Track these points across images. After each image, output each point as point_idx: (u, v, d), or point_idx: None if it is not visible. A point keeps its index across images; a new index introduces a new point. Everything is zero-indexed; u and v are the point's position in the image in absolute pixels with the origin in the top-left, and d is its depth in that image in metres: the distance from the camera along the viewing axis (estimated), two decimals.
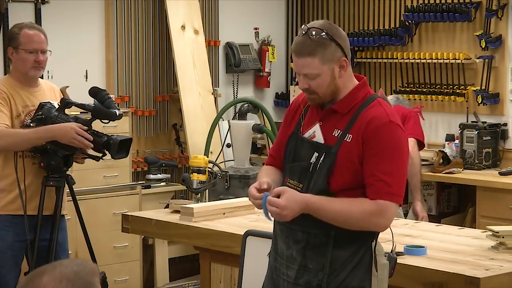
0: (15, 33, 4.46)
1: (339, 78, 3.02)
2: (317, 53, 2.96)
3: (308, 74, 2.99)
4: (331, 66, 2.99)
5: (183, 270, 6.77)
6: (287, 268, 3.07)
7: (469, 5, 6.68)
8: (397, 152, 2.98)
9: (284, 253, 3.09)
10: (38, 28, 4.55)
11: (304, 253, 3.02)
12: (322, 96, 3.03)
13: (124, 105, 6.66)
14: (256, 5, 7.61)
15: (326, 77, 2.99)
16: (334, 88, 3.02)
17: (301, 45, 2.99)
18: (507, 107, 6.65)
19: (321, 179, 2.98)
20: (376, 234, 3.02)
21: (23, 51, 4.41)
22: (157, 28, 6.92)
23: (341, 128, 3.00)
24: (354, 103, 3.02)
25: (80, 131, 4.33)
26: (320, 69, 2.98)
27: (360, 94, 3.04)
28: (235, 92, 7.42)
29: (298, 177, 3.06)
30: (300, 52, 2.99)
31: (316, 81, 3.00)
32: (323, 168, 2.98)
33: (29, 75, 4.45)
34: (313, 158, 3.02)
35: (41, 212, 4.40)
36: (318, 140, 3.04)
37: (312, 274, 3.01)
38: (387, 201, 2.94)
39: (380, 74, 7.36)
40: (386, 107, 3.03)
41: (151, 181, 6.62)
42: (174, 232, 4.50)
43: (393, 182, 2.95)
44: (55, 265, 1.98)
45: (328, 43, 2.97)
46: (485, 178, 6.03)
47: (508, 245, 3.68)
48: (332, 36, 2.97)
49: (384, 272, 3.03)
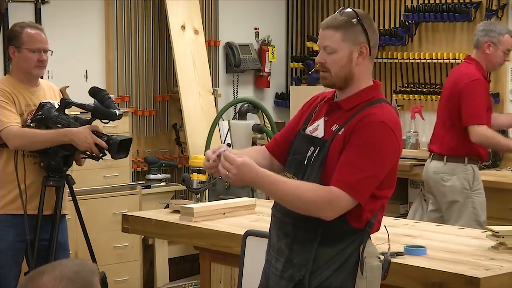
0: (17, 32, 4.46)
1: (356, 65, 3.01)
2: (341, 29, 2.98)
3: (327, 47, 3.00)
4: (351, 47, 2.99)
5: (183, 270, 6.77)
6: (276, 261, 3.07)
7: (469, 5, 6.68)
8: (375, 151, 2.91)
9: (275, 246, 3.09)
10: (40, 27, 4.57)
11: (291, 247, 3.02)
12: (334, 76, 3.01)
13: (124, 105, 6.66)
14: (256, 5, 7.61)
15: (343, 55, 2.99)
16: (348, 73, 3.01)
17: (330, 19, 3.03)
18: (507, 107, 6.65)
19: (314, 172, 2.97)
20: (365, 237, 2.99)
21: (26, 50, 4.42)
22: (157, 28, 6.93)
23: (340, 123, 2.99)
24: (360, 102, 3.01)
25: (97, 139, 4.35)
26: (340, 45, 2.98)
27: (369, 95, 3.03)
28: (235, 92, 7.42)
29: (294, 170, 3.06)
30: (326, 25, 3.02)
31: (333, 57, 2.99)
32: (317, 161, 2.98)
33: (32, 74, 4.46)
34: (309, 151, 3.02)
35: (41, 212, 4.40)
36: (318, 134, 3.04)
37: (296, 268, 3.00)
38: (342, 190, 2.88)
39: (380, 74, 7.36)
40: (387, 110, 3.00)
41: (151, 181, 6.62)
42: (174, 232, 4.50)
43: (358, 176, 2.88)
44: (55, 265, 1.99)
45: (355, 24, 2.99)
46: (485, 178, 6.02)
47: (508, 245, 3.68)
48: (361, 20, 2.99)
49: (375, 274, 3.01)
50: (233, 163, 2.88)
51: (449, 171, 5.48)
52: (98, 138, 4.38)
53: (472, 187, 5.47)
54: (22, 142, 4.35)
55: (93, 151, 4.38)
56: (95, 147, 4.36)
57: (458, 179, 5.46)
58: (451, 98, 5.47)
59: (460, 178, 5.46)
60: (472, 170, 5.47)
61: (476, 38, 5.55)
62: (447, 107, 5.51)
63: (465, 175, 5.46)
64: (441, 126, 5.56)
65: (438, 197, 5.57)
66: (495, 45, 5.47)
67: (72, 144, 4.38)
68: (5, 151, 4.41)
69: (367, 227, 2.97)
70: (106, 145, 4.37)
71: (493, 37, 5.47)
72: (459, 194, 5.45)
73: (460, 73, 5.52)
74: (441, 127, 5.56)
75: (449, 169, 5.48)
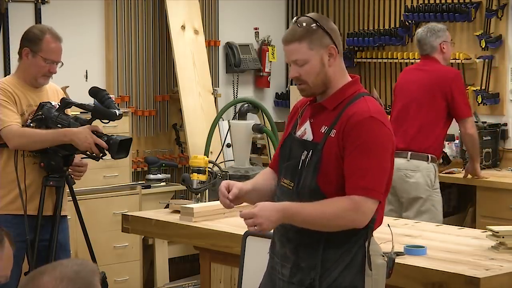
0: (37, 37, 4.42)
1: (329, 67, 3.02)
2: (305, 39, 2.99)
3: (297, 61, 3.01)
4: (319, 52, 3.00)
5: (183, 270, 6.77)
6: (282, 267, 3.07)
7: (469, 5, 6.68)
8: (375, 147, 2.94)
9: (279, 252, 3.09)
10: (59, 37, 4.51)
11: (297, 252, 3.02)
12: (312, 86, 3.03)
13: (124, 105, 6.66)
14: (256, 5, 7.61)
15: (315, 63, 3.00)
16: (324, 78, 3.02)
17: (290, 33, 3.03)
18: (507, 107, 6.65)
19: (309, 176, 2.98)
20: (369, 233, 3.00)
21: (41, 58, 4.41)
22: (157, 28, 6.93)
23: (328, 124, 3.00)
24: (343, 99, 3.02)
25: (97, 139, 4.34)
26: (308, 54, 2.99)
27: (349, 91, 3.04)
28: (235, 92, 7.42)
29: (290, 175, 3.06)
30: (288, 40, 3.02)
31: (305, 68, 3.00)
32: (311, 165, 2.98)
33: (38, 82, 4.47)
34: (303, 155, 3.02)
35: (41, 212, 4.40)
36: (308, 137, 3.05)
37: (305, 272, 3.00)
38: (362, 196, 2.91)
39: (380, 74, 7.36)
40: (371, 103, 3.01)
41: (151, 181, 6.62)
42: (174, 232, 4.50)
43: (369, 177, 2.92)
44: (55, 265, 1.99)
45: (315, 29, 2.99)
46: (485, 178, 6.03)
47: (508, 245, 3.68)
48: (319, 23, 3.00)
49: (379, 272, 3.01)
50: (252, 215, 2.92)
51: (413, 168, 5.60)
52: (98, 138, 4.37)
53: (433, 186, 5.63)
54: (22, 142, 4.35)
55: (93, 151, 4.38)
56: (95, 147, 4.36)
57: (422, 176, 5.58)
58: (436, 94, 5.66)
59: (424, 175, 5.58)
60: (433, 168, 5.63)
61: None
62: (430, 103, 5.66)
63: (428, 172, 5.59)
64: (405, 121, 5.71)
65: (399, 193, 5.67)
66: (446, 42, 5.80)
67: (72, 144, 4.38)
68: (5, 151, 4.41)
69: (370, 223, 2.99)
70: (106, 145, 4.37)
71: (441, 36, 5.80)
72: (423, 191, 5.59)
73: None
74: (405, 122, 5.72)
75: (413, 165, 5.60)
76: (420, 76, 5.78)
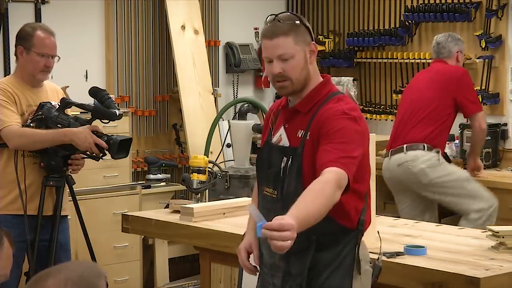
0: (28, 34, 4.44)
1: (310, 64, 3.00)
2: (291, 33, 2.94)
3: (283, 55, 2.94)
4: (304, 48, 2.96)
5: (183, 270, 6.77)
6: (272, 277, 3.04)
7: (469, 5, 6.68)
8: (343, 135, 2.84)
9: (267, 262, 3.06)
10: (51, 31, 4.50)
11: (288, 260, 2.98)
12: (295, 82, 2.97)
13: (124, 105, 6.66)
14: (256, 5, 7.61)
15: (300, 58, 2.96)
16: (306, 75, 2.98)
17: (273, 28, 2.96)
18: (507, 107, 6.65)
19: (293, 182, 2.92)
20: (359, 236, 2.99)
21: (35, 53, 4.41)
22: (157, 28, 6.93)
23: (304, 127, 2.96)
24: (316, 101, 2.98)
25: (97, 139, 4.34)
26: (295, 49, 2.94)
27: (322, 92, 3.01)
28: (235, 92, 7.42)
29: (273, 183, 3.01)
30: (273, 34, 2.95)
31: (291, 64, 2.95)
32: (293, 171, 2.94)
33: (36, 78, 4.46)
34: (283, 162, 2.97)
35: (41, 212, 4.40)
36: (284, 143, 3.01)
37: (294, 278, 2.98)
38: (335, 168, 2.75)
39: (380, 74, 7.36)
40: (344, 102, 2.96)
41: (151, 181, 6.62)
42: (174, 232, 4.49)
43: (339, 155, 2.78)
44: (60, 268, 1.99)
45: (299, 25, 2.96)
46: (485, 178, 6.03)
47: (508, 245, 3.68)
48: (301, 20, 2.98)
49: (367, 277, 3.01)
50: (279, 228, 2.54)
51: (411, 158, 5.69)
52: (98, 138, 4.38)
53: (441, 165, 5.74)
54: (22, 142, 4.35)
55: (93, 151, 4.38)
56: (95, 147, 4.36)
57: (423, 163, 5.67)
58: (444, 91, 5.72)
59: (425, 161, 5.68)
60: (434, 154, 5.71)
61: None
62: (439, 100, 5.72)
63: (427, 159, 5.68)
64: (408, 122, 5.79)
65: (410, 185, 5.75)
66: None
67: (72, 144, 4.38)
68: (5, 151, 4.41)
69: (359, 225, 2.98)
70: (106, 145, 4.37)
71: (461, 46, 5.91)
72: (432, 173, 5.68)
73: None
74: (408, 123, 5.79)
75: (410, 156, 5.70)
76: (428, 76, 5.87)
